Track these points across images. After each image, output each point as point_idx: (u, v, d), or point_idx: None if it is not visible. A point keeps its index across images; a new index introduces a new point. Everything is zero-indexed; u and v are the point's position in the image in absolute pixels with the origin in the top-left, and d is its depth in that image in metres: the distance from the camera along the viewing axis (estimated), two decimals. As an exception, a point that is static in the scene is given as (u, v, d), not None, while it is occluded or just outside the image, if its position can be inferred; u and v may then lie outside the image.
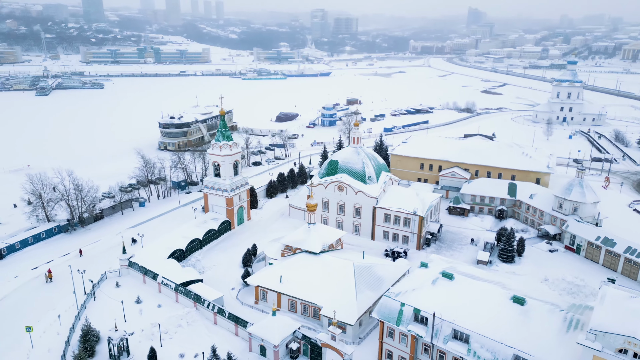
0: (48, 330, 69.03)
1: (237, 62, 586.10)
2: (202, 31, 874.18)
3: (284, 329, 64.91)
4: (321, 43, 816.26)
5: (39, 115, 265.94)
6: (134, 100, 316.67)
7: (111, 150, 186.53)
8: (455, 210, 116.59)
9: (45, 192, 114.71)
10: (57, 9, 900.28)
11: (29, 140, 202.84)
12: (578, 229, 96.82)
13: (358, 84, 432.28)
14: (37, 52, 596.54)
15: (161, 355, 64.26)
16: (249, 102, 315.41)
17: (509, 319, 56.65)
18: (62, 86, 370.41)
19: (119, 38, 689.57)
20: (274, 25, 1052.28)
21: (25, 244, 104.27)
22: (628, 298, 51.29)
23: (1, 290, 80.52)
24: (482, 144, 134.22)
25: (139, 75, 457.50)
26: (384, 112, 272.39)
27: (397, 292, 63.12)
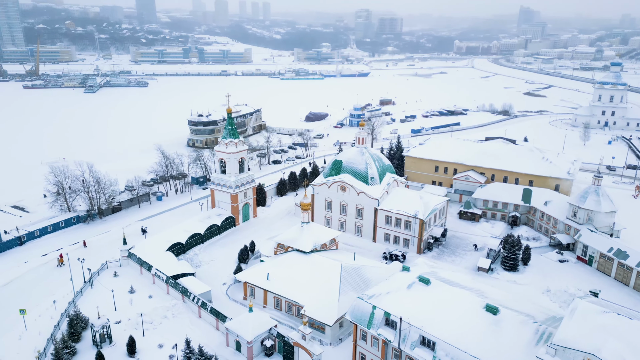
0: (43, 314, 72.95)
1: (277, 62, 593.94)
2: (247, 32, 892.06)
3: (259, 326, 65.41)
4: (363, 43, 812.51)
5: (83, 111, 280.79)
6: (172, 98, 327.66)
7: (141, 146, 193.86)
8: (465, 215, 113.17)
9: (67, 183, 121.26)
10: (113, 10, 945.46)
11: (68, 134, 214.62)
12: (591, 239, 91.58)
13: (396, 84, 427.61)
14: (92, 51, 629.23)
15: (141, 345, 66.41)
16: (283, 102, 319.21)
17: (479, 328, 54.48)
18: (110, 84, 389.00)
19: (168, 39, 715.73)
20: (319, 26, 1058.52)
21: (45, 232, 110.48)
22: (600, 313, 48.11)
23: (10, 274, 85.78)
24: (501, 148, 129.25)
25: (183, 74, 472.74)
26: (415, 114, 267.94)
27: (371, 294, 62.16)
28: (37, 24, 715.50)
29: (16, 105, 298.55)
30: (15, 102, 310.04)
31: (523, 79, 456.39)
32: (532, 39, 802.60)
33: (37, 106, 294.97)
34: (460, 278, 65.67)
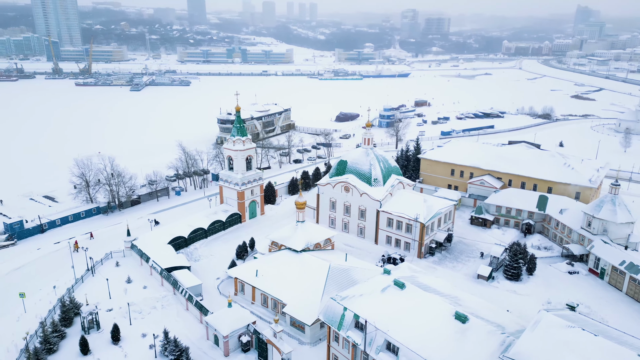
0: (44, 298, 77.18)
1: (318, 62, 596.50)
2: (292, 32, 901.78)
3: (236, 322, 66.23)
4: (407, 44, 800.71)
5: (124, 108, 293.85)
6: (209, 97, 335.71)
7: (171, 142, 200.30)
8: (477, 220, 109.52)
9: (90, 176, 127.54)
10: (166, 12, 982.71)
11: (106, 129, 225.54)
12: (603, 250, 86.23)
13: (436, 85, 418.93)
14: (143, 51, 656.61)
15: (126, 333, 68.98)
16: (317, 102, 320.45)
17: (445, 336, 52.78)
18: (155, 83, 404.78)
19: (215, 39, 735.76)
20: (364, 27, 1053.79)
21: (66, 221, 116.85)
22: (564, 327, 45.37)
23: (23, 260, 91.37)
24: (521, 152, 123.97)
25: (225, 74, 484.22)
26: (448, 115, 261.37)
27: (344, 295, 61.52)
28: (94, 24, 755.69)
29: (64, 101, 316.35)
30: (65, 98, 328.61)
31: (572, 81, 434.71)
32: (588, 40, 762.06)
33: (83, 102, 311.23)
34: (440, 284, 63.71)
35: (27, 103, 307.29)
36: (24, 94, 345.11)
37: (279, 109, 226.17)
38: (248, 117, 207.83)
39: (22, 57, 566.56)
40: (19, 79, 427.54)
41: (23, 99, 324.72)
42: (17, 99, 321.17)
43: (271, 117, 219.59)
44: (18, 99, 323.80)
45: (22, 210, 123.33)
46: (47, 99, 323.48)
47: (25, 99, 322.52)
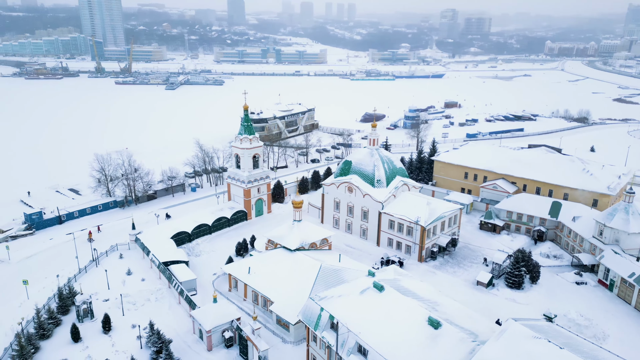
0: (47, 286, 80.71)
1: (352, 63, 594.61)
2: (329, 33, 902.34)
3: (220, 317, 67.09)
4: (445, 44, 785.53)
5: (157, 106, 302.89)
6: (240, 96, 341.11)
7: (196, 139, 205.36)
8: (486, 225, 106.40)
9: (110, 171, 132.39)
10: (207, 13, 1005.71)
11: (136, 126, 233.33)
12: (613, 261, 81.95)
13: (470, 86, 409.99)
14: (182, 51, 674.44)
15: (118, 323, 71.25)
16: (345, 102, 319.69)
17: (416, 341, 51.58)
18: (189, 82, 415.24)
19: (251, 40, 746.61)
20: (403, 27, 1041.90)
21: (83, 213, 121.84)
22: (530, 338, 43.42)
23: (35, 249, 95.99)
24: (538, 157, 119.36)
25: (259, 74, 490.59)
26: (477, 117, 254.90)
27: (323, 296, 61.18)
28: (138, 25, 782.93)
29: (102, 98, 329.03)
30: (103, 95, 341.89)
31: (617, 83, 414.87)
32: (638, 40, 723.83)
33: (119, 100, 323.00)
34: (422, 289, 62.23)
35: (66, 100, 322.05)
36: (66, 91, 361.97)
37: (303, 108, 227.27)
38: (270, 117, 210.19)
39: (69, 56, 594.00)
40: (64, 77, 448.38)
41: (63, 96, 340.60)
42: (58, 96, 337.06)
43: (294, 117, 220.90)
44: (59, 95, 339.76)
45: (47, 202, 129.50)
46: (86, 97, 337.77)
47: (66, 96, 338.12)
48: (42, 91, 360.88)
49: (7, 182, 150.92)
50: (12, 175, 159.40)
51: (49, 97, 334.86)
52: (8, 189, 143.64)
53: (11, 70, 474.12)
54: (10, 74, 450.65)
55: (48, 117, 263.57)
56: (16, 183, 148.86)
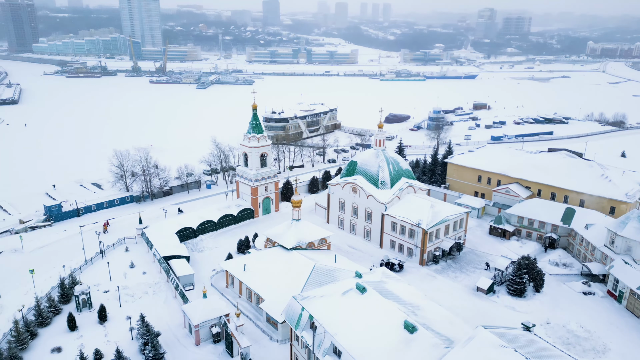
0: (53, 276, 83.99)
1: (383, 63, 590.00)
2: (362, 33, 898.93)
3: (209, 313, 67.98)
4: (481, 44, 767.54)
5: (187, 104, 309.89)
6: (268, 95, 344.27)
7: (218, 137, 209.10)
8: (495, 230, 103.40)
9: (128, 167, 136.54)
10: (242, 14, 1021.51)
11: (161, 123, 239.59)
12: (623, 272, 78.10)
13: (503, 88, 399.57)
14: (216, 51, 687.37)
15: (114, 314, 73.41)
16: (371, 102, 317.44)
17: (390, 345, 50.75)
18: (220, 82, 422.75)
19: (284, 40, 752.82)
20: (439, 27, 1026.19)
21: (100, 207, 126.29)
22: (497, 346, 41.92)
23: (49, 239, 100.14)
24: (555, 161, 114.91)
25: (289, 74, 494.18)
26: (505, 120, 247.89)
27: (305, 295, 61.06)
28: (176, 26, 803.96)
29: (135, 96, 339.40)
30: (136, 94, 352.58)
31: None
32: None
33: (150, 98, 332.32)
34: (406, 292, 61.07)
35: (101, 98, 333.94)
36: (102, 90, 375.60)
37: (325, 108, 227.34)
38: (292, 116, 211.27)
39: (109, 55, 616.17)
40: (102, 76, 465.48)
41: (99, 93, 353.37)
42: (94, 94, 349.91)
43: (316, 117, 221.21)
44: (95, 93, 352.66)
45: (70, 195, 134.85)
46: (121, 95, 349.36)
47: (101, 94, 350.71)
48: (80, 89, 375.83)
49: (38, 175, 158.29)
50: (43, 169, 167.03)
51: (86, 94, 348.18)
52: (37, 181, 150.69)
53: (54, 68, 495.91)
54: (52, 72, 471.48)
55: (82, 113, 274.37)
56: (45, 176, 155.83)
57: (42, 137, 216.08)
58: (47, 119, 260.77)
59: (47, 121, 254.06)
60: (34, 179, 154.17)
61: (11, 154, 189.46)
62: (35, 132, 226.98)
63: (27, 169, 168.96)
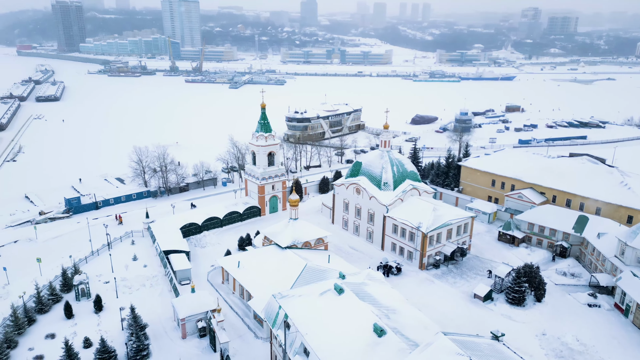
0: (60, 265, 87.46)
1: (418, 63, 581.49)
2: (399, 33, 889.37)
3: (195, 307, 69.13)
4: (522, 45, 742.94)
5: (218, 103, 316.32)
6: (298, 95, 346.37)
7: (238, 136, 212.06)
8: (504, 237, 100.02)
9: (147, 163, 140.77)
10: (280, 15, 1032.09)
11: (189, 121, 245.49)
12: (630, 284, 73.80)
13: (542, 90, 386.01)
14: (253, 52, 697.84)
15: (110, 304, 75.88)
16: (400, 103, 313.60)
17: (357, 347, 50.11)
18: (252, 82, 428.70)
19: (320, 41, 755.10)
20: (480, 27, 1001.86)
21: (118, 201, 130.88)
22: (453, 354, 40.65)
23: (63, 230, 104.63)
24: (572, 166, 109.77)
25: (321, 74, 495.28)
26: (537, 123, 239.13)
27: (285, 294, 61.09)
28: (215, 27, 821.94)
29: (168, 95, 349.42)
30: (171, 93, 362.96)
31: None
32: None
33: (183, 96, 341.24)
34: (386, 295, 60.03)
35: (137, 96, 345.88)
36: (139, 88, 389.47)
37: (349, 109, 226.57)
38: (314, 116, 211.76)
39: (150, 55, 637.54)
40: (142, 75, 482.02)
41: (136, 92, 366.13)
42: (131, 92, 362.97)
43: (339, 117, 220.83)
44: (132, 91, 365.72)
45: (94, 189, 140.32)
46: (156, 93, 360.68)
47: (138, 92, 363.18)
48: (118, 88, 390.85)
49: (67, 169, 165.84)
50: (72, 163, 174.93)
51: (123, 93, 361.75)
52: (66, 175, 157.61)
53: (97, 67, 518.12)
54: (95, 71, 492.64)
55: (116, 111, 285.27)
56: (74, 170, 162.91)
57: (77, 133, 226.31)
58: (83, 115, 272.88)
59: (83, 118, 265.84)
60: (63, 173, 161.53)
61: (45, 148, 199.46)
62: (70, 128, 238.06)
63: (58, 162, 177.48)
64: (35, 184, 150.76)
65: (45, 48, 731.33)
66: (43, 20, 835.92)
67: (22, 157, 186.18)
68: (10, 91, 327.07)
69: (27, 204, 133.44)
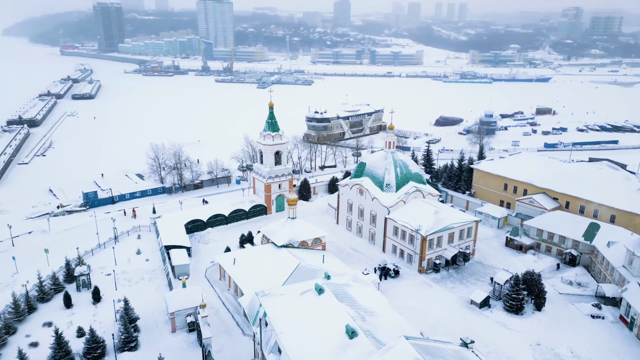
0: (68, 256, 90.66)
1: (449, 64, 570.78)
2: (433, 34, 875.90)
3: (185, 302, 70.29)
4: (562, 45, 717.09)
5: (243, 102, 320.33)
6: (324, 95, 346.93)
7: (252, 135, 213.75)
8: (512, 243, 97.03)
9: (163, 159, 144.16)
10: (313, 16, 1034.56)
11: (212, 119, 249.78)
12: (636, 296, 70.23)
13: (578, 92, 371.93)
14: (284, 52, 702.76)
15: (109, 295, 78.04)
16: (427, 104, 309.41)
17: (327, 348, 49.74)
18: (280, 82, 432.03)
19: (351, 41, 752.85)
20: (518, 27, 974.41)
21: (134, 196, 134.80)
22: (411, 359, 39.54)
23: (76, 222, 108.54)
24: (589, 172, 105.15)
25: (350, 75, 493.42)
26: (566, 126, 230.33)
27: (267, 292, 61.28)
28: (248, 28, 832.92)
29: (196, 93, 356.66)
30: (201, 92, 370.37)
31: None
32: None
33: (212, 95, 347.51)
34: (368, 297, 59.34)
35: (168, 94, 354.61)
36: (171, 87, 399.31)
37: (370, 109, 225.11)
38: (334, 116, 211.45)
39: (184, 56, 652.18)
40: (174, 75, 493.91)
41: (167, 90, 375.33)
42: (162, 91, 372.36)
43: (360, 118, 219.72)
44: (164, 90, 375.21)
45: (114, 184, 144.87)
46: (186, 92, 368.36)
47: (169, 91, 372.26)
48: (151, 86, 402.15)
49: (92, 164, 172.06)
50: (98, 158, 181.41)
51: (155, 92, 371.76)
52: (90, 169, 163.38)
53: (133, 67, 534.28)
54: (131, 71, 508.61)
55: (145, 109, 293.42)
56: (98, 165, 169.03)
57: (105, 130, 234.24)
58: (114, 113, 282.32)
59: (114, 115, 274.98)
60: (87, 167, 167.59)
61: (74, 143, 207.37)
62: (100, 125, 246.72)
63: (84, 158, 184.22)
64: (60, 178, 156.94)
65: (86, 48, 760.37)
66: (86, 21, 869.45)
67: (52, 152, 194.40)
68: (48, 89, 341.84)
69: (50, 197, 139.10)
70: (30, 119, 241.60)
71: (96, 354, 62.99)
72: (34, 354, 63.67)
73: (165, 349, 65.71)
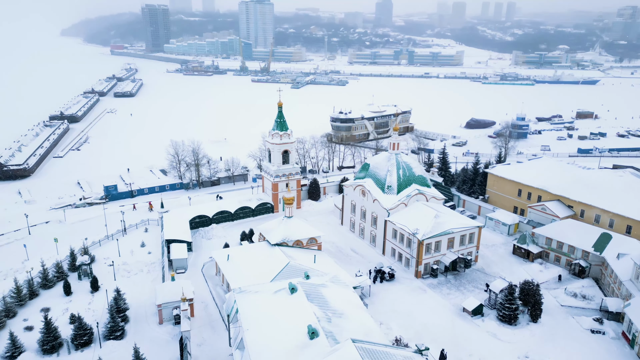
0: (76, 247, 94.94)
1: (491, 65, 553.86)
2: (477, 34, 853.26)
3: (172, 295, 71.91)
4: (614, 46, 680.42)
5: (273, 102, 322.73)
6: (355, 96, 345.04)
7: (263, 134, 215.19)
8: (519, 250, 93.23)
9: (183, 156, 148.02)
10: (355, 16, 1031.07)
11: (240, 118, 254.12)
12: (638, 312, 65.76)
13: (627, 95, 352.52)
14: (322, 53, 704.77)
15: (107, 285, 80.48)
16: (461, 106, 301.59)
17: (288, 348, 49.60)
18: (315, 82, 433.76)
19: (391, 42, 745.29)
20: (569, 27, 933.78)
21: (152, 191, 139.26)
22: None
23: (90, 214, 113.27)
24: (609, 179, 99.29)
25: (386, 75, 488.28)
26: (605, 132, 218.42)
27: (244, 289, 61.80)
28: (289, 29, 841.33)
29: (233, 92, 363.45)
30: (236, 91, 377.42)
31: None
32: None
33: (246, 94, 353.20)
34: (341, 298, 58.63)
35: (205, 92, 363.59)
36: (209, 86, 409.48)
37: (395, 110, 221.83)
38: (358, 117, 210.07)
39: (225, 56, 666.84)
40: (213, 74, 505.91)
41: (204, 90, 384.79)
42: (200, 90, 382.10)
43: (385, 119, 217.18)
44: (202, 88, 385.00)
45: (139, 179, 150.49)
46: (222, 91, 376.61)
47: (206, 90, 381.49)
48: (190, 85, 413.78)
49: (121, 158, 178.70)
50: (128, 153, 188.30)
51: (192, 90, 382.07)
52: (119, 164, 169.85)
53: (175, 67, 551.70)
54: (173, 70, 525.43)
55: (181, 106, 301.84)
56: (127, 160, 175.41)
57: (139, 126, 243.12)
58: (151, 110, 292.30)
59: (150, 112, 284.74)
60: (117, 162, 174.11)
61: (108, 139, 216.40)
62: (135, 121, 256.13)
63: (115, 152, 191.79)
64: (90, 171, 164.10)
65: (135, 48, 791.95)
66: (135, 22, 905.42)
67: (86, 147, 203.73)
68: (92, 87, 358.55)
69: (77, 190, 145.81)
70: (71, 115, 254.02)
71: (83, 340, 65.50)
72: (27, 337, 66.97)
73: (149, 340, 67.47)
